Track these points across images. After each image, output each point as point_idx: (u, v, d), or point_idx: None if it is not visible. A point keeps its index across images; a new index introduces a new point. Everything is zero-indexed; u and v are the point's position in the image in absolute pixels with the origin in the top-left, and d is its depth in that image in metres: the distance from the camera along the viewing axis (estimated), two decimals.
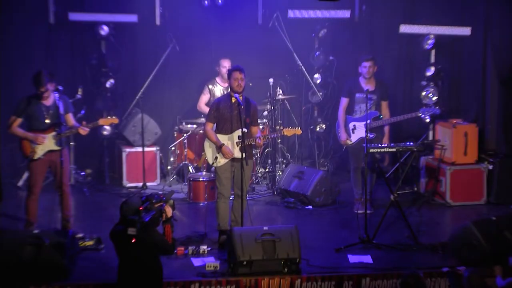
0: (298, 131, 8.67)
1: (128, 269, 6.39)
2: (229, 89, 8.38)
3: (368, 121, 8.80)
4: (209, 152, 8.33)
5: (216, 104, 8.34)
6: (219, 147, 8.19)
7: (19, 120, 8.25)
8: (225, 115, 8.22)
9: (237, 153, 8.16)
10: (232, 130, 8.22)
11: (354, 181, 9.46)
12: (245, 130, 8.07)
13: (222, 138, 8.23)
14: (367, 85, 9.19)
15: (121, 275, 6.44)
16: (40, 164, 8.23)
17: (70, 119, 8.44)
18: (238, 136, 8.11)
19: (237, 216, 8.18)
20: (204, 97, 10.62)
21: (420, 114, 9.41)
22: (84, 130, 8.38)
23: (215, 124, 8.33)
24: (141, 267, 6.36)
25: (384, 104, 9.35)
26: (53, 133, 8.25)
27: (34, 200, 8.27)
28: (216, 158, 8.26)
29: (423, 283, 6.11)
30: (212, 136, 8.25)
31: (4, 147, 10.01)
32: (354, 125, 9.30)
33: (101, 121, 8.64)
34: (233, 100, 8.18)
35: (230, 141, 8.23)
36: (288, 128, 8.75)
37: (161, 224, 6.55)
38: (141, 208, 6.33)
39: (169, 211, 6.57)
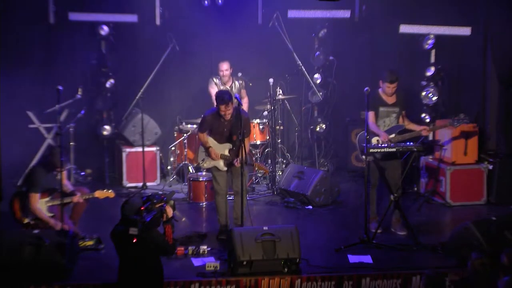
0: (265, 169, 9.14)
1: (129, 269, 6.39)
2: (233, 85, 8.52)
3: (393, 135, 8.56)
4: (200, 154, 8.58)
5: (206, 119, 8.46)
6: (207, 149, 8.43)
7: (38, 196, 8.13)
8: (215, 129, 8.42)
9: (221, 166, 8.43)
10: (221, 143, 8.43)
11: (371, 199, 8.68)
12: (230, 146, 8.40)
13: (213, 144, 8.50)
14: (389, 98, 8.69)
15: (122, 275, 6.44)
16: (28, 227, 8.15)
17: (64, 177, 8.31)
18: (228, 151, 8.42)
19: (239, 214, 8.26)
20: (212, 90, 10.60)
21: (449, 124, 9.01)
22: (78, 200, 8.24)
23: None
24: (141, 267, 6.35)
25: (403, 114, 8.82)
26: (46, 199, 8.21)
27: None
28: (203, 159, 8.48)
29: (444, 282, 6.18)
30: (203, 140, 8.50)
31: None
32: (378, 140, 8.67)
33: (96, 194, 8.39)
34: (224, 119, 8.31)
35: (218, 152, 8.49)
36: (258, 163, 9.25)
37: (162, 225, 6.55)
38: (142, 208, 6.33)
39: (169, 211, 6.57)
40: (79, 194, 8.25)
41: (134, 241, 6.24)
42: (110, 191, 8.46)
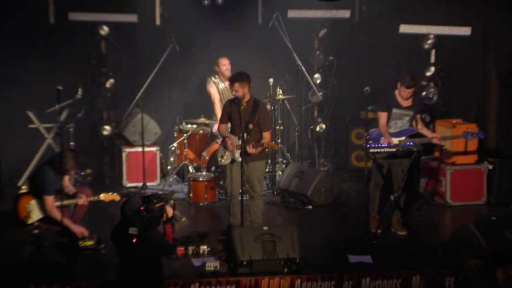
0: (275, 145, 8.60)
1: (129, 269, 6.39)
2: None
3: (403, 138, 8.54)
4: (219, 150, 8.50)
5: (225, 104, 8.54)
6: (224, 139, 8.36)
7: (53, 198, 8.09)
8: (232, 117, 8.35)
9: (237, 157, 8.28)
10: (237, 133, 8.28)
11: (372, 198, 8.72)
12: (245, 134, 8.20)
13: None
14: (404, 101, 8.58)
15: (122, 275, 6.44)
16: (32, 228, 8.11)
17: (66, 178, 8.32)
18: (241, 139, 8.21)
19: (254, 216, 8.35)
20: (213, 90, 10.58)
21: (462, 136, 9.05)
22: (83, 202, 8.24)
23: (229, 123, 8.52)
24: (142, 267, 6.35)
25: (417, 117, 8.77)
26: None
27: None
28: (222, 156, 8.40)
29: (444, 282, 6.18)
30: (221, 132, 8.48)
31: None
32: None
33: (102, 196, 8.37)
34: (241, 106, 8.23)
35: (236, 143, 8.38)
36: (270, 142, 8.74)
37: (162, 224, 6.55)
38: (142, 208, 6.33)
39: (169, 211, 6.58)
40: (84, 197, 8.22)
41: (134, 241, 6.24)
42: (115, 194, 8.43)
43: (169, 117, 11.39)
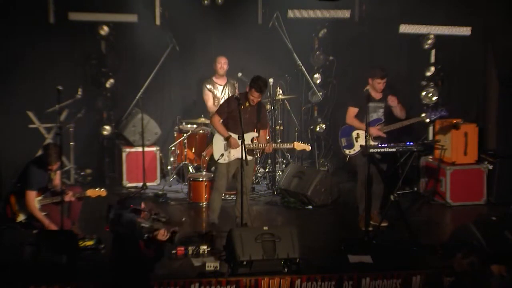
0: (307, 147, 8.73)
1: (116, 266, 6.39)
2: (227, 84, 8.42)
3: (376, 127, 8.64)
4: (216, 146, 8.48)
5: (227, 102, 8.54)
6: (226, 138, 8.36)
7: (35, 194, 8.10)
8: (235, 116, 8.26)
9: (238, 155, 8.25)
10: (243, 133, 8.19)
11: (360, 195, 8.83)
12: (256, 135, 8.39)
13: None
14: (377, 95, 8.77)
15: (113, 273, 6.45)
16: (20, 226, 8.12)
17: (57, 177, 8.30)
18: (251, 139, 8.33)
19: (247, 213, 8.35)
20: (207, 97, 10.62)
21: (426, 119, 9.14)
22: (70, 199, 8.18)
23: (222, 121, 8.50)
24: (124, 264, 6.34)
25: (398, 107, 8.85)
26: (39, 198, 8.18)
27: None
28: (222, 155, 8.40)
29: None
30: (219, 127, 8.44)
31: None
32: (357, 134, 8.79)
33: (88, 192, 8.33)
34: (247, 104, 8.29)
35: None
36: (299, 142, 8.81)
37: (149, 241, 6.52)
38: (131, 206, 6.31)
39: (161, 237, 6.52)
40: (71, 193, 8.20)
41: (106, 229, 6.21)
42: (102, 189, 8.42)
43: (169, 117, 11.40)
